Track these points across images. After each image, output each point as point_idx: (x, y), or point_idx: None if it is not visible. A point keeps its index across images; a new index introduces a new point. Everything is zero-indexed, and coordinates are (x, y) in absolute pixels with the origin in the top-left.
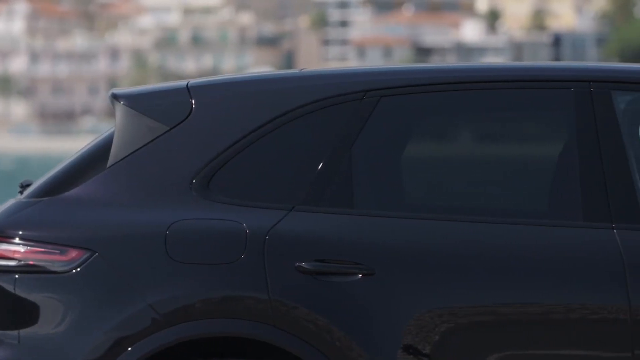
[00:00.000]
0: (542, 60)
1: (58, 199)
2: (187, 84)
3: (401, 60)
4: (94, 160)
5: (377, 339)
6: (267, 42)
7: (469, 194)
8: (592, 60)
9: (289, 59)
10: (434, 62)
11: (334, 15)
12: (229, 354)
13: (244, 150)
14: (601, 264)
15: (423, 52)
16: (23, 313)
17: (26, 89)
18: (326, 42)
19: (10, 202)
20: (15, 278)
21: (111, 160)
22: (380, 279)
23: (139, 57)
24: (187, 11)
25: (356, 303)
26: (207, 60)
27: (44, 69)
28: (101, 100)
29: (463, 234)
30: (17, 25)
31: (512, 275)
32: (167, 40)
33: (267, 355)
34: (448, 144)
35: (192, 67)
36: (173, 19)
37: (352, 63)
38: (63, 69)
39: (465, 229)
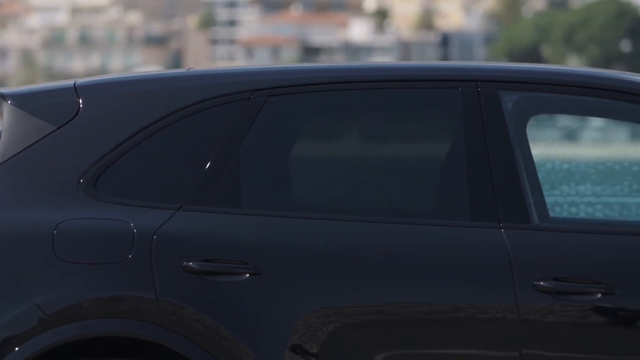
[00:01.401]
0: (430, 59)
1: None
2: (75, 84)
3: (289, 60)
4: None
5: (265, 338)
6: (155, 41)
7: (356, 193)
8: (480, 60)
9: (176, 59)
10: (322, 62)
11: (222, 14)
12: (120, 354)
13: (132, 150)
14: (489, 264)
15: (311, 51)
16: None
17: None
18: (214, 42)
19: None
20: None
21: None
22: (268, 279)
23: (27, 57)
24: (75, 11)
25: (244, 303)
26: (94, 60)
27: None
28: None
29: (350, 234)
30: None
31: (399, 275)
32: (55, 40)
33: (157, 355)
34: (336, 143)
35: (79, 67)
36: (61, 18)
37: (239, 62)
38: None
39: (352, 228)
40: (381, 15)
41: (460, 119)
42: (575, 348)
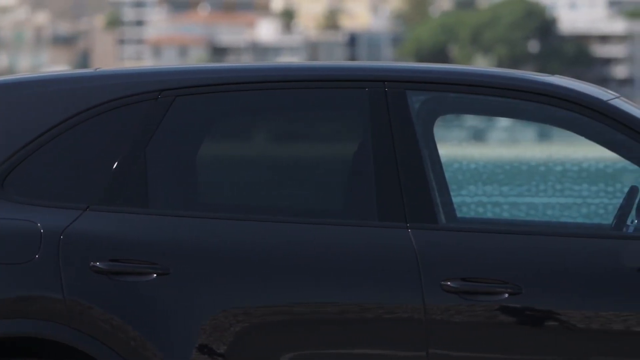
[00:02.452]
0: (338, 60)
1: None
2: None
3: (197, 59)
4: None
5: (172, 338)
6: (63, 41)
7: (265, 193)
8: (388, 60)
9: (84, 59)
10: (230, 62)
11: (130, 14)
12: (28, 355)
13: (39, 150)
14: (396, 264)
15: (219, 51)
16: None
17: None
18: (122, 42)
19: None
20: None
21: None
22: (175, 279)
23: None
24: None
25: (151, 303)
26: (2, 60)
27: None
28: None
29: (259, 234)
30: None
31: (307, 275)
32: None
33: (66, 355)
34: (244, 143)
35: None
36: None
37: (147, 62)
38: None
39: (261, 228)
40: (288, 15)
41: (367, 119)
42: (483, 348)
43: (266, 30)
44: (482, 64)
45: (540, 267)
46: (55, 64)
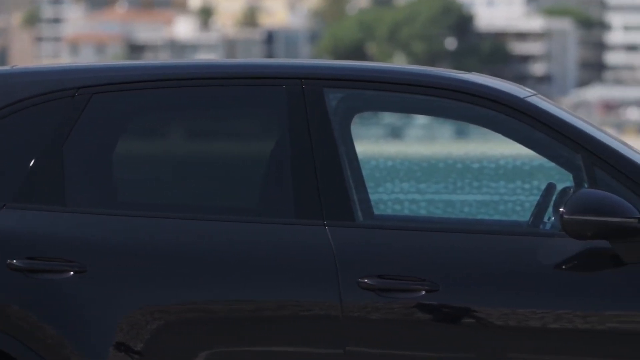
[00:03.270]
0: (255, 57)
1: None
2: None
3: (114, 57)
4: None
5: (89, 336)
6: None
7: (182, 191)
8: (305, 58)
9: (1, 56)
10: (147, 60)
11: (47, 12)
12: None
13: None
14: (313, 261)
15: (136, 49)
16: None
17: None
18: (39, 39)
19: None
20: None
21: None
22: (92, 277)
23: None
24: None
25: (68, 300)
26: None
27: None
28: None
29: (175, 232)
30: None
31: (224, 272)
32: None
33: None
34: (162, 141)
35: None
36: None
37: (64, 60)
38: None
39: (177, 226)
40: (206, 13)
41: (284, 117)
42: (400, 345)
43: (184, 28)
44: (399, 61)
45: (457, 264)
46: None
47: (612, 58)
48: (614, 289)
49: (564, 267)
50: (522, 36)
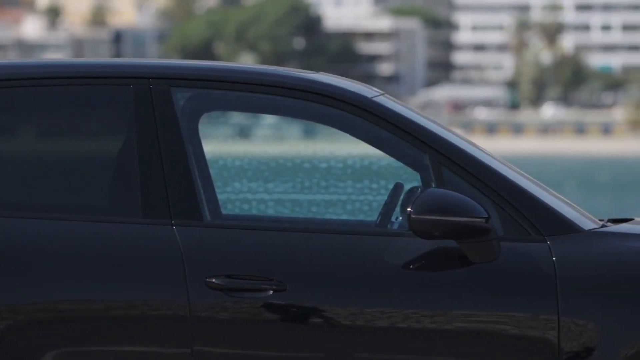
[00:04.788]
0: (103, 56)
1: None
2: None
3: None
4: None
5: None
6: None
7: (31, 190)
8: (153, 57)
9: None
10: None
11: None
12: None
13: None
14: (161, 260)
15: None
16: None
17: None
18: None
19: None
20: None
21: None
22: None
23: None
24: None
25: None
26: None
27: None
28: None
29: (24, 231)
30: None
31: (73, 271)
32: None
33: None
34: (11, 140)
35: None
36: None
37: None
38: None
39: (25, 225)
40: (54, 12)
41: (132, 116)
42: (248, 344)
43: (32, 27)
44: (247, 61)
45: (305, 263)
46: None
47: (460, 58)
48: (461, 289)
49: (411, 266)
50: (369, 36)
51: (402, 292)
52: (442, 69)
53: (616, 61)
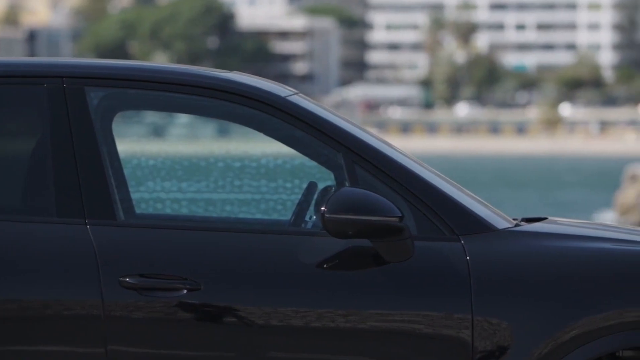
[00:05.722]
0: (17, 56)
1: None
2: None
3: None
4: None
5: None
6: None
7: None
8: (67, 56)
9: None
10: None
11: None
12: None
13: None
14: (74, 260)
15: None
16: None
17: None
18: None
19: None
20: None
21: None
22: None
23: None
24: None
25: None
26: None
27: None
28: None
29: None
30: None
31: None
32: None
33: None
34: None
35: None
36: None
37: None
38: None
39: None
40: None
41: (46, 115)
42: (163, 344)
43: None
44: (161, 60)
45: (219, 263)
46: None
47: (374, 57)
48: (375, 288)
49: (325, 266)
50: (284, 35)
51: (316, 292)
52: (356, 68)
53: (530, 60)
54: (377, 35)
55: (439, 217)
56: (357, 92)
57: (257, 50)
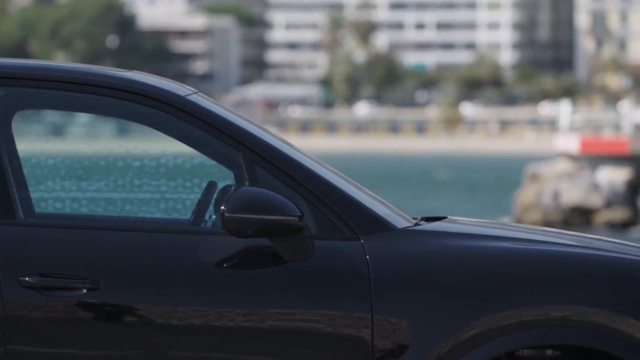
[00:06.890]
0: None
1: None
2: None
3: None
4: None
5: None
6: None
7: None
8: None
9: None
10: None
11: None
12: None
13: None
14: None
15: None
16: None
17: None
18: None
19: None
20: None
21: None
22: None
23: None
24: None
25: None
26: None
27: None
28: None
29: None
30: None
31: None
32: None
33: None
34: None
35: None
36: None
37: None
38: None
39: None
40: None
41: None
42: (63, 344)
43: None
44: (61, 60)
45: (119, 262)
46: None
47: (274, 56)
48: (275, 287)
49: (225, 265)
50: (183, 34)
51: (216, 291)
52: (256, 67)
53: (430, 59)
54: (277, 35)
55: (338, 217)
56: (257, 91)
57: (157, 49)
